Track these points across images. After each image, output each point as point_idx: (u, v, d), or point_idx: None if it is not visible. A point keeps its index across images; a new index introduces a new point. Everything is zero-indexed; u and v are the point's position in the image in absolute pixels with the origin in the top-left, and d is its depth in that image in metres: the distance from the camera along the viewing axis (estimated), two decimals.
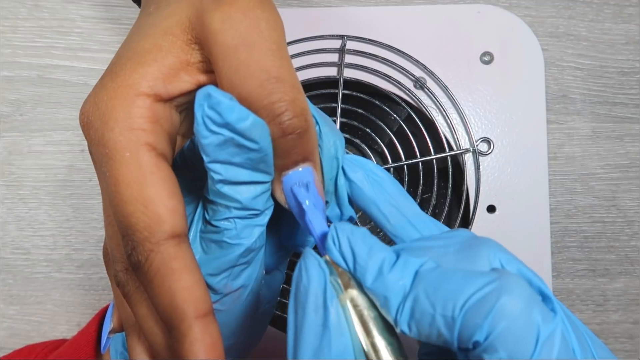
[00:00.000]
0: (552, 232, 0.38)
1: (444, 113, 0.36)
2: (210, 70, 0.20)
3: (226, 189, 0.19)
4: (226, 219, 0.20)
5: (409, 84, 0.37)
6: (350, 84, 0.37)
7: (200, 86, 0.20)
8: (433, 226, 0.22)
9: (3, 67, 0.41)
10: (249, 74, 0.18)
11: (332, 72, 0.37)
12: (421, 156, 0.36)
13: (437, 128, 0.36)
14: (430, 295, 0.16)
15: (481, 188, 0.36)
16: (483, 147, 0.37)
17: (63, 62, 0.41)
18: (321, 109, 0.38)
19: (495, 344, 0.15)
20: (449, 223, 0.38)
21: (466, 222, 0.36)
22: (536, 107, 0.37)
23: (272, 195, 0.20)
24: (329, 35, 0.37)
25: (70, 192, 0.41)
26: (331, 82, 0.37)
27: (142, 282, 0.19)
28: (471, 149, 0.36)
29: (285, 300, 0.37)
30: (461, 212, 0.36)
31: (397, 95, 0.37)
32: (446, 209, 0.36)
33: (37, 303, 0.41)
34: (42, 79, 0.41)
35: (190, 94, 0.20)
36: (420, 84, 0.37)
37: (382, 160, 0.38)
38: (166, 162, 0.19)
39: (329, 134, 0.21)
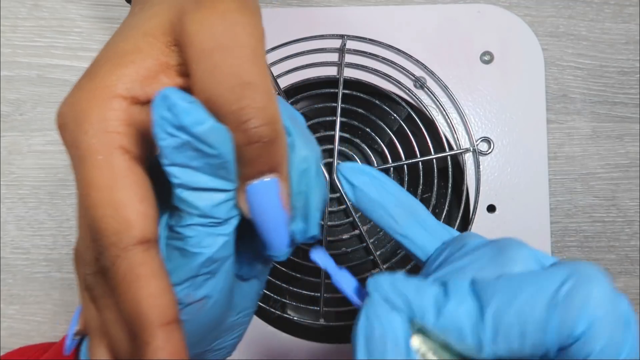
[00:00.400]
0: (552, 231, 0.38)
1: (444, 113, 0.36)
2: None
3: (186, 195, 0.19)
4: (188, 225, 0.19)
5: (409, 83, 0.37)
6: (350, 83, 0.37)
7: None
8: (439, 227, 0.22)
9: (3, 67, 0.41)
10: (221, 78, 0.18)
11: (332, 71, 0.37)
12: (421, 156, 0.36)
13: (437, 128, 0.36)
14: (513, 304, 0.16)
15: (481, 188, 0.36)
16: (483, 146, 0.37)
17: (63, 61, 0.41)
18: (321, 108, 0.38)
19: (598, 332, 0.15)
20: (449, 223, 0.38)
21: (466, 222, 0.36)
22: (536, 106, 0.37)
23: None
24: (329, 35, 0.37)
25: (70, 191, 0.41)
26: (331, 82, 0.37)
27: (110, 287, 0.18)
28: (471, 149, 0.36)
29: (285, 300, 0.37)
30: (461, 211, 0.36)
31: (397, 95, 0.37)
32: (446, 208, 0.36)
33: (37, 303, 0.41)
34: (42, 79, 0.41)
35: None
36: (420, 83, 0.37)
37: (382, 159, 0.38)
38: (140, 166, 0.19)
39: (302, 147, 0.20)
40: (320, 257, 0.20)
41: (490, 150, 0.37)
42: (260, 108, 0.18)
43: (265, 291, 0.36)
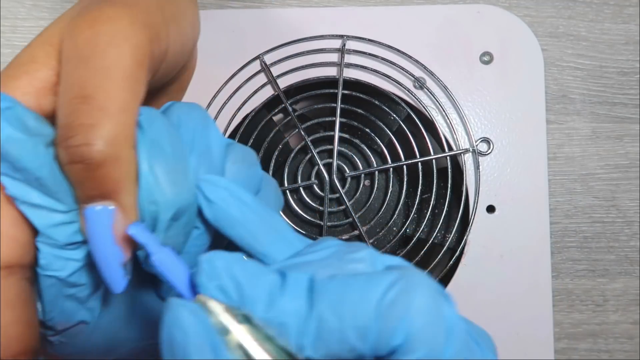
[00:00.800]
0: (551, 232, 0.38)
1: (444, 113, 0.36)
2: None
3: (22, 208, 0.17)
4: (37, 243, 0.18)
5: (408, 84, 0.37)
6: (350, 84, 0.37)
7: None
8: (297, 239, 0.20)
9: (3, 67, 0.41)
10: (65, 88, 0.17)
11: (331, 72, 0.37)
12: (421, 156, 0.36)
13: (436, 128, 0.36)
14: (337, 309, 0.15)
15: (481, 188, 0.36)
16: (483, 147, 0.37)
17: None
18: (321, 109, 0.38)
19: (415, 344, 0.15)
20: (449, 223, 0.38)
21: (466, 223, 0.36)
22: (536, 107, 0.37)
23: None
24: (329, 35, 0.37)
25: None
26: (331, 82, 0.37)
27: None
28: (471, 149, 0.36)
29: None
30: (460, 212, 0.36)
31: (396, 95, 0.37)
32: (445, 209, 0.36)
33: None
34: None
35: None
36: (419, 84, 0.37)
37: (381, 160, 0.38)
38: None
39: (154, 189, 0.17)
40: (140, 231, 0.17)
41: (489, 151, 0.37)
42: (89, 125, 0.16)
43: None
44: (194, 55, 0.28)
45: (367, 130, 0.37)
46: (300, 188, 0.37)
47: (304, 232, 0.37)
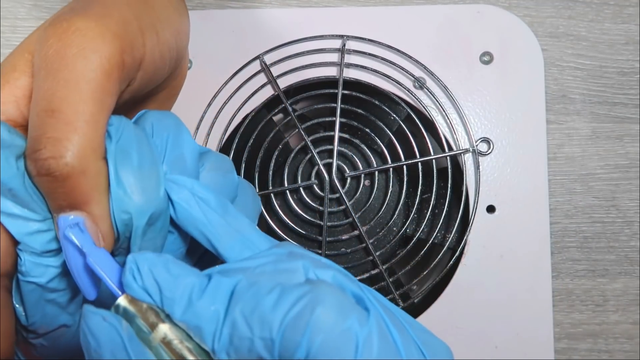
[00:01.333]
0: (551, 232, 0.38)
1: (444, 113, 0.36)
2: None
3: (1, 218, 0.17)
4: (17, 250, 0.18)
5: (408, 84, 0.37)
6: (350, 84, 0.37)
7: None
8: (269, 243, 0.20)
9: None
10: (34, 101, 0.17)
11: (331, 72, 0.37)
12: (421, 156, 0.36)
13: (436, 128, 0.36)
14: (248, 318, 0.15)
15: (481, 188, 0.36)
16: (483, 147, 0.37)
17: None
18: (321, 109, 0.38)
19: (318, 358, 0.15)
20: (449, 223, 0.38)
21: (466, 223, 0.36)
22: (536, 107, 0.37)
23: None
24: (329, 35, 0.37)
25: None
26: (331, 82, 0.37)
27: None
28: (471, 149, 0.36)
29: None
30: (460, 212, 0.36)
31: (396, 95, 0.37)
32: (445, 209, 0.36)
33: None
34: None
35: None
36: (419, 84, 0.37)
37: (381, 160, 0.38)
38: None
39: (125, 198, 0.18)
40: (76, 234, 0.17)
41: (489, 151, 0.37)
42: (56, 139, 0.16)
43: None
44: (183, 63, 0.28)
45: (367, 130, 0.37)
46: (300, 188, 0.37)
47: (304, 232, 0.37)
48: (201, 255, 0.23)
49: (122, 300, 0.17)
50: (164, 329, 0.16)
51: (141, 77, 0.21)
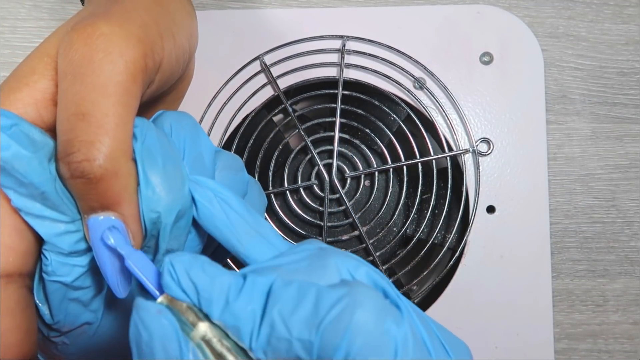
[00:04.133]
0: (551, 232, 0.38)
1: (444, 113, 0.36)
2: None
3: (27, 219, 0.18)
4: (43, 251, 0.18)
5: (408, 84, 0.37)
6: (350, 84, 0.37)
7: None
8: (282, 243, 0.20)
9: (2, 68, 0.41)
10: (63, 105, 0.17)
11: (331, 72, 0.37)
12: (421, 157, 0.36)
13: (436, 128, 0.36)
14: (286, 319, 0.16)
15: (481, 188, 0.36)
16: (483, 147, 0.37)
17: None
18: (321, 109, 0.38)
19: None
20: (449, 223, 0.38)
21: (466, 223, 0.36)
22: (536, 107, 0.37)
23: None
24: (329, 35, 0.37)
25: None
26: (331, 83, 0.37)
27: None
28: (471, 150, 0.36)
29: None
30: (460, 212, 0.36)
31: (396, 96, 0.37)
32: (445, 209, 0.36)
33: None
34: None
35: None
36: (419, 84, 0.37)
37: (381, 160, 0.38)
38: None
39: (154, 197, 0.18)
40: (116, 237, 0.18)
41: (489, 151, 0.37)
42: (88, 142, 0.17)
43: None
44: (191, 66, 0.28)
45: (367, 130, 0.37)
46: (301, 188, 0.37)
47: (304, 233, 0.37)
48: (211, 253, 0.23)
49: (163, 300, 0.17)
50: (204, 327, 0.16)
51: (159, 80, 0.21)
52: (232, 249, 0.20)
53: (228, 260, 0.34)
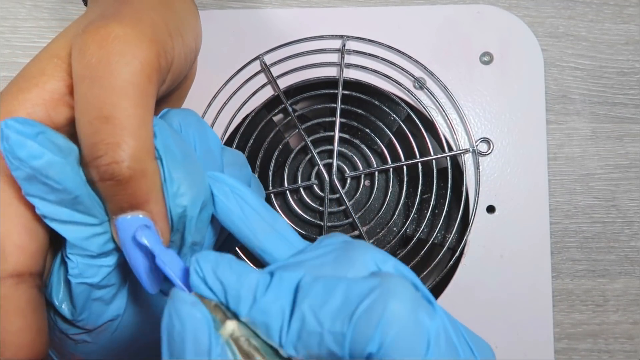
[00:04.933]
0: (551, 232, 0.38)
1: (444, 113, 0.36)
2: None
3: (53, 225, 0.18)
4: (68, 255, 0.19)
5: (408, 84, 0.37)
6: (350, 84, 0.37)
7: None
8: (302, 242, 0.21)
9: (3, 68, 0.41)
10: (84, 109, 0.17)
11: (331, 72, 0.37)
12: (421, 156, 0.36)
13: (436, 128, 0.36)
14: (317, 313, 0.16)
15: (481, 188, 0.36)
16: (483, 147, 0.37)
17: None
18: (321, 109, 0.38)
19: (390, 352, 0.15)
20: (449, 223, 0.38)
21: (466, 223, 0.36)
22: (536, 107, 0.37)
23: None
24: (329, 35, 0.37)
25: None
26: (331, 83, 0.37)
27: None
28: (471, 150, 0.36)
29: None
30: (460, 212, 0.36)
31: (396, 96, 0.37)
32: (445, 209, 0.36)
33: None
34: None
35: None
36: (419, 84, 0.37)
37: (381, 160, 0.38)
38: None
39: (181, 192, 0.19)
40: (147, 235, 0.18)
41: (489, 151, 0.37)
42: (114, 144, 0.17)
43: None
44: (194, 65, 0.29)
45: (367, 130, 0.37)
46: (301, 188, 0.37)
47: (304, 233, 0.37)
48: (222, 243, 0.24)
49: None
50: (232, 325, 0.17)
51: (169, 79, 0.21)
52: (249, 243, 0.20)
53: (237, 249, 0.34)
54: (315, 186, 0.37)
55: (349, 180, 0.37)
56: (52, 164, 0.17)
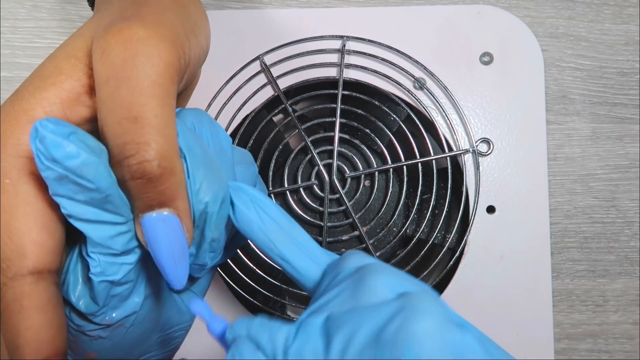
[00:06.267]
0: (551, 232, 0.38)
1: (444, 113, 0.36)
2: None
3: (78, 225, 0.18)
4: (90, 253, 0.19)
5: (408, 84, 0.37)
6: (350, 84, 0.37)
7: None
8: (320, 252, 0.21)
9: (3, 68, 0.41)
10: (111, 109, 0.18)
11: (331, 72, 0.37)
12: (421, 157, 0.36)
13: (436, 128, 0.36)
14: (351, 344, 0.16)
15: (481, 189, 0.36)
16: (483, 147, 0.37)
17: None
18: (321, 109, 0.38)
19: None
20: (449, 224, 0.38)
21: (466, 223, 0.36)
22: (536, 107, 0.37)
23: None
24: (329, 35, 0.37)
25: None
26: (331, 83, 0.37)
27: None
28: (471, 150, 0.36)
29: (285, 301, 0.37)
30: (461, 212, 0.36)
31: (396, 96, 0.37)
32: (446, 209, 0.36)
33: None
34: None
35: (96, 121, 0.19)
36: (420, 84, 0.37)
37: (381, 160, 0.38)
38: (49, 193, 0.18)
39: (202, 189, 0.19)
40: (201, 308, 0.20)
41: (489, 151, 0.37)
42: (144, 143, 0.17)
43: (265, 292, 0.36)
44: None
45: (367, 130, 0.37)
46: (301, 189, 0.37)
47: None
48: (230, 240, 0.24)
49: None
50: None
51: (185, 79, 0.22)
52: (269, 252, 0.21)
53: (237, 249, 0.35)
54: (315, 186, 0.37)
55: (349, 181, 0.37)
56: (87, 164, 0.17)
